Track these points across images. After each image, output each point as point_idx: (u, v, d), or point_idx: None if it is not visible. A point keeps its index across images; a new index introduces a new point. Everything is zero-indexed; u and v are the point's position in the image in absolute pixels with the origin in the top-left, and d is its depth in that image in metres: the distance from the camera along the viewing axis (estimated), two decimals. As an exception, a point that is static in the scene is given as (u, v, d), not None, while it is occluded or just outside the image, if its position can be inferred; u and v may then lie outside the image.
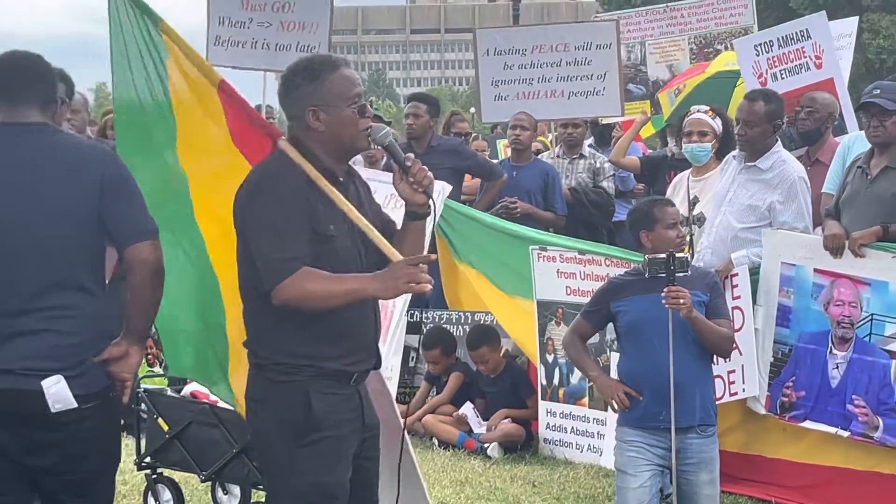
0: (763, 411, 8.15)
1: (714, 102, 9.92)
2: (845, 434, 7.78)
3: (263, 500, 7.15)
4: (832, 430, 7.85)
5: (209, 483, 7.76)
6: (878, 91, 7.85)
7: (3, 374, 4.98)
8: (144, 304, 5.27)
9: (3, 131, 5.14)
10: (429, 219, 5.31)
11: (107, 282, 5.40)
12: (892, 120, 7.75)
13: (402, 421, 5.89)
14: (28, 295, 5.04)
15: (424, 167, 5.06)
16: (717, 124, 9.16)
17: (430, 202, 5.11)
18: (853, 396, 7.75)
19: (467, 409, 10.00)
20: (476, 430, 9.83)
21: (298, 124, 5.11)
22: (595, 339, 8.70)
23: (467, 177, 11.87)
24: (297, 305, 4.87)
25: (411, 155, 5.14)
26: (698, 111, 9.32)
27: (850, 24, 13.80)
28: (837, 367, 7.83)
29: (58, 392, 4.99)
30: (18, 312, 5.03)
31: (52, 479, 5.17)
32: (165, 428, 7.69)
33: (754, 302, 8.16)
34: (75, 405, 5.03)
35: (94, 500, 5.33)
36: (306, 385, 4.97)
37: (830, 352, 7.87)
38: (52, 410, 4.99)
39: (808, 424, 7.96)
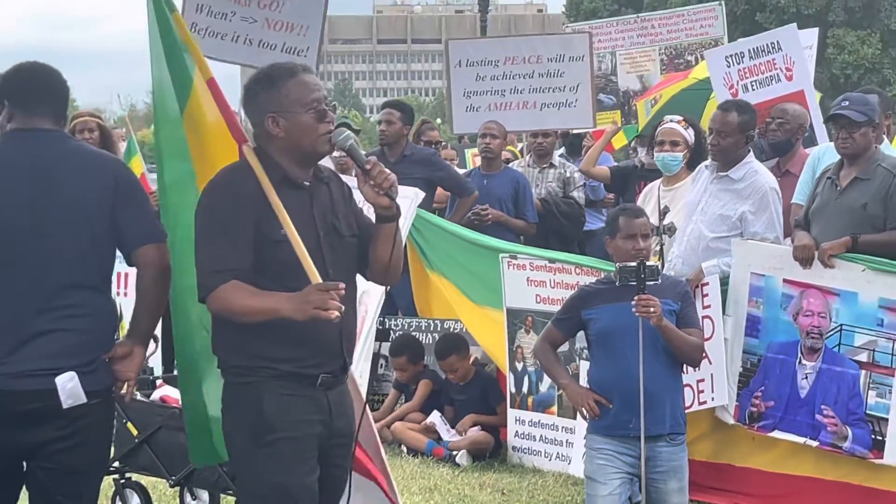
0: (732, 421, 8.18)
1: (688, 113, 9.96)
2: (814, 444, 7.82)
3: (233, 504, 7.17)
4: (801, 440, 7.88)
5: (178, 488, 7.73)
6: (847, 103, 7.90)
7: (28, 377, 5.13)
8: (151, 305, 5.44)
9: (21, 136, 5.33)
10: (402, 221, 5.34)
11: None
12: (860, 131, 7.79)
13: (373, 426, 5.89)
14: (47, 294, 5.20)
15: (386, 170, 5.07)
16: (690, 134, 9.20)
17: (395, 204, 5.12)
18: (822, 406, 7.78)
19: (435, 416, 10.00)
20: (445, 438, 9.82)
21: (259, 132, 5.18)
22: (565, 347, 8.68)
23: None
24: (223, 317, 5.01)
25: (373, 158, 5.16)
26: (671, 121, 9.36)
27: (811, 36, 13.86)
28: (806, 378, 7.87)
29: (72, 389, 5.15)
30: (38, 312, 5.19)
31: (47, 473, 5.27)
32: (134, 432, 7.66)
33: (724, 312, 8.18)
34: (85, 400, 5.20)
35: (83, 496, 5.42)
36: (260, 386, 5.04)
37: (799, 362, 7.91)
38: (64, 406, 5.15)
39: (777, 434, 7.99)
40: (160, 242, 5.38)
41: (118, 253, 5.47)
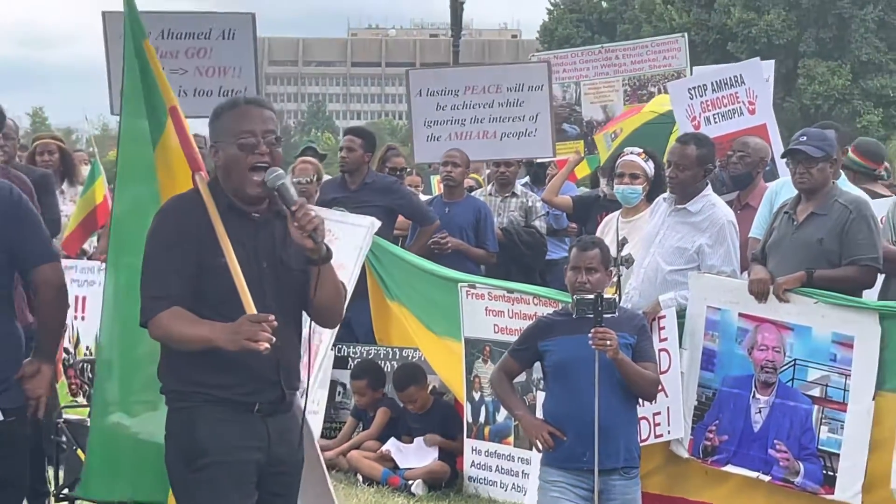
0: (686, 455, 8.17)
1: (652, 147, 9.98)
2: (767, 478, 7.81)
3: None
4: (754, 474, 7.87)
5: (127, 515, 7.65)
6: (805, 138, 7.92)
7: None
8: (53, 324, 5.61)
9: None
10: (356, 258, 5.40)
11: None
12: (817, 167, 7.80)
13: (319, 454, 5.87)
14: None
15: (311, 213, 5.03)
16: (650, 167, 9.22)
17: (322, 247, 5.07)
18: (775, 441, 7.78)
19: (391, 444, 9.95)
20: (401, 466, 9.77)
21: (210, 162, 5.31)
22: (522, 377, 8.68)
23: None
24: (163, 343, 5.10)
25: (301, 199, 5.12)
26: (631, 153, 9.38)
27: (768, 67, 13.92)
28: (760, 412, 7.86)
29: None
30: None
31: None
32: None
33: (680, 345, 8.18)
34: (1, 418, 5.39)
35: None
36: (195, 411, 5.09)
37: (753, 396, 7.90)
38: None
39: (730, 468, 7.98)
40: (55, 262, 5.52)
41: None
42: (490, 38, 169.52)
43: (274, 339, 4.87)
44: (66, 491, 7.69)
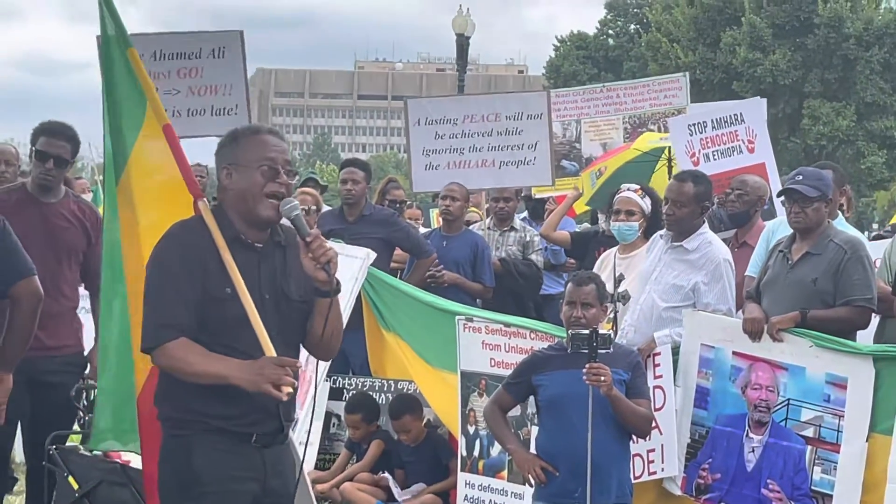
0: (679, 493, 8.13)
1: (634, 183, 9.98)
2: None
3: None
4: None
5: (117, 542, 7.65)
6: (801, 177, 7.91)
7: None
8: (25, 335, 5.82)
9: None
10: (351, 289, 5.41)
11: None
12: (813, 206, 7.80)
13: (311, 490, 5.88)
14: None
15: (326, 245, 5.09)
16: (646, 204, 9.21)
17: (333, 280, 5.11)
18: (768, 481, 7.74)
19: (390, 479, 9.93)
20: (397, 498, 9.74)
21: (218, 187, 5.27)
22: (517, 411, 8.67)
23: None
24: (169, 372, 5.05)
25: (315, 231, 5.17)
26: (628, 189, 9.37)
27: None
28: (753, 451, 7.83)
29: None
30: None
31: None
32: (76, 486, 7.59)
33: (674, 382, 8.16)
34: None
35: None
36: (192, 440, 5.07)
37: (747, 435, 7.87)
38: None
39: (723, 507, 7.95)
40: (31, 276, 5.67)
41: None
42: (496, 72, 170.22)
43: (296, 383, 4.89)
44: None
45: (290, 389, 4.89)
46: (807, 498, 7.59)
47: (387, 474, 9.96)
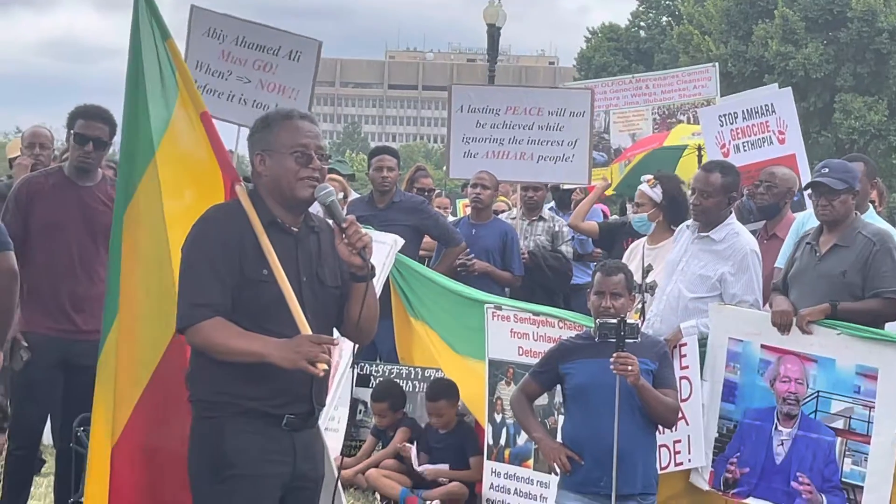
0: (707, 487, 8.10)
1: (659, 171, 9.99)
2: None
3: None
4: None
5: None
6: (827, 170, 7.86)
7: None
8: (5, 308, 5.85)
9: None
10: (378, 275, 5.42)
11: None
12: (839, 199, 7.76)
13: (336, 471, 5.88)
14: None
15: (361, 230, 5.15)
16: (656, 193, 9.17)
17: (368, 265, 5.17)
18: (798, 473, 7.70)
19: (410, 448, 9.94)
20: (416, 468, 9.76)
21: (252, 171, 5.28)
22: (544, 400, 8.68)
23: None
24: (203, 351, 5.05)
25: (351, 217, 5.23)
26: (643, 181, 9.38)
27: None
28: (782, 444, 7.80)
29: None
30: None
31: None
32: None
33: (701, 376, 8.14)
34: None
35: None
36: (223, 422, 5.08)
37: (776, 428, 7.84)
38: None
39: (751, 501, 7.90)
40: (7, 251, 5.73)
41: None
42: (527, 63, 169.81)
43: (332, 361, 4.91)
44: (83, 499, 7.73)
45: (326, 367, 4.92)
46: (837, 490, 7.56)
47: (409, 445, 9.95)
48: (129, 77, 5.69)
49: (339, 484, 5.76)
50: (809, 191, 8.06)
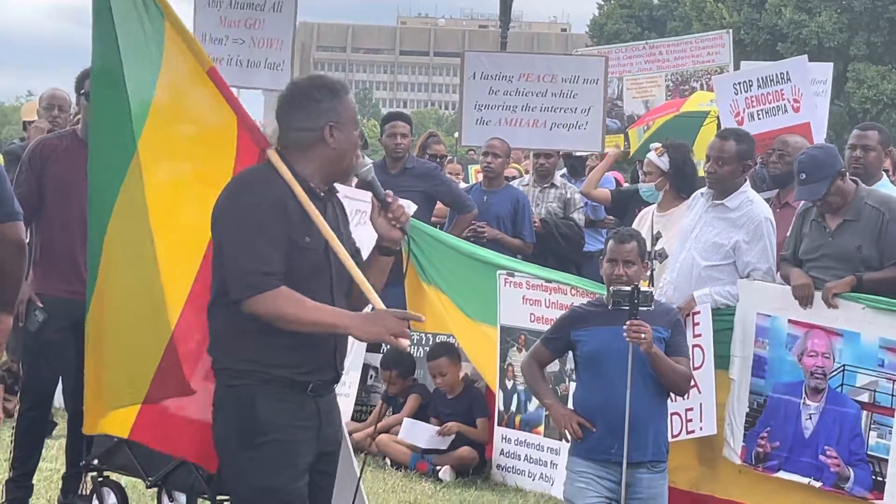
0: (739, 462, 8.10)
1: (679, 140, 9.93)
2: (818, 484, 7.75)
3: (209, 509, 7.15)
4: (805, 480, 7.81)
5: (155, 489, 7.69)
6: (804, 176, 7.80)
7: None
8: (13, 277, 5.79)
9: None
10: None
11: None
12: (831, 192, 7.75)
13: (349, 441, 5.90)
14: None
15: (402, 205, 5.17)
16: (663, 162, 9.13)
17: (406, 238, 5.21)
18: (825, 447, 7.72)
19: (406, 424, 9.95)
20: (412, 443, 9.80)
21: (306, 138, 5.15)
22: (555, 367, 8.69)
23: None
24: (267, 320, 4.96)
25: (390, 192, 5.21)
26: (651, 149, 9.36)
27: (826, 70, 13.86)
28: (811, 418, 7.81)
29: None
30: None
31: None
32: (114, 432, 7.63)
33: (731, 352, 8.14)
34: None
35: None
36: (253, 389, 5.05)
37: (804, 402, 7.84)
38: None
39: (782, 475, 7.92)
40: (15, 221, 5.68)
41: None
42: (539, 30, 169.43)
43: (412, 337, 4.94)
44: (95, 462, 7.76)
45: (409, 342, 4.95)
46: (863, 463, 7.59)
47: (406, 422, 9.98)
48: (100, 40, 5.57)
49: (351, 449, 5.76)
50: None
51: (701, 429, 8.13)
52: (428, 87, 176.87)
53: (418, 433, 9.84)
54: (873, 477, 7.55)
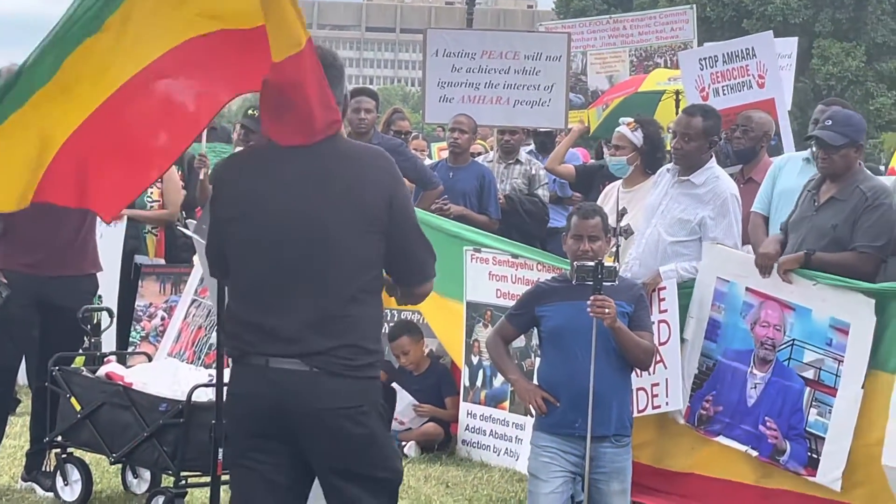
0: (682, 421, 8.15)
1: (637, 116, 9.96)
2: (755, 454, 7.82)
3: (172, 484, 7.15)
4: (743, 448, 7.87)
5: (119, 466, 7.69)
6: (830, 122, 7.76)
7: None
8: None
9: None
10: None
11: None
12: (839, 153, 7.69)
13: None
14: None
15: None
16: (637, 137, 9.14)
17: None
18: (766, 418, 7.78)
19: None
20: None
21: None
22: (521, 342, 8.70)
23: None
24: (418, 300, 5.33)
25: None
26: (622, 124, 9.36)
27: (790, 45, 13.91)
28: (756, 388, 7.85)
29: None
30: None
31: None
32: (78, 408, 7.62)
33: (688, 313, 8.16)
34: None
35: None
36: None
37: (751, 371, 7.89)
38: None
39: (721, 440, 7.98)
40: None
41: None
42: (505, 6, 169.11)
43: None
44: (59, 438, 7.75)
45: None
46: (801, 438, 7.65)
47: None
48: None
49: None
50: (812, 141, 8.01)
51: (667, 403, 8.15)
52: (394, 63, 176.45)
53: (402, 398, 9.85)
54: (808, 454, 7.60)
